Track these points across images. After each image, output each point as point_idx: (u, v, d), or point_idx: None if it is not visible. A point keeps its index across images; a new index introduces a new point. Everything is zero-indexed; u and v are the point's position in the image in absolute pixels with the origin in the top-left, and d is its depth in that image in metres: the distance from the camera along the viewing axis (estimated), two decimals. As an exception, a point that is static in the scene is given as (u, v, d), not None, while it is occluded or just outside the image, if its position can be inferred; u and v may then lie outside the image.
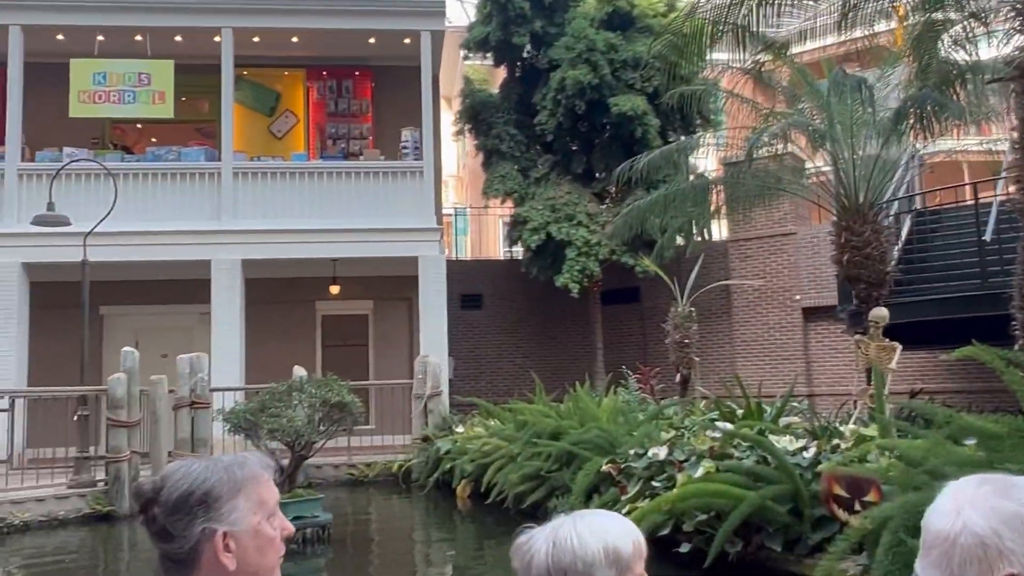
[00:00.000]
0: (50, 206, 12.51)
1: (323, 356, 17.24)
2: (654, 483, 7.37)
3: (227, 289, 14.68)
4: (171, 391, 12.82)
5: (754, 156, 10.25)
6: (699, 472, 6.81)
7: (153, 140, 16.77)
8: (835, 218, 10.81)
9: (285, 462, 9.30)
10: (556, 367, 18.33)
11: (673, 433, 8.32)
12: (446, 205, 21.23)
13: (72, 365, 14.60)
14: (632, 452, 8.06)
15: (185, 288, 16.45)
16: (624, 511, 6.96)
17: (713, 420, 8.42)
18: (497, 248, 21.38)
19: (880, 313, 8.99)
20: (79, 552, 9.26)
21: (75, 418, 11.27)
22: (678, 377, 12.93)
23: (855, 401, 9.34)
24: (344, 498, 12.46)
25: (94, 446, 11.67)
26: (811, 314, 16.50)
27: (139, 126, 16.91)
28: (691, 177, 14.10)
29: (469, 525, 9.66)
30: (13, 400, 11.98)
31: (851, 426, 7.63)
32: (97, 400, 11.60)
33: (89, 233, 12.74)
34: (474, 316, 18.90)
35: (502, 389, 18.05)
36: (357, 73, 17.37)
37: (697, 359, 13.12)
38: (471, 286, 19.10)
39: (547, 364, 18.47)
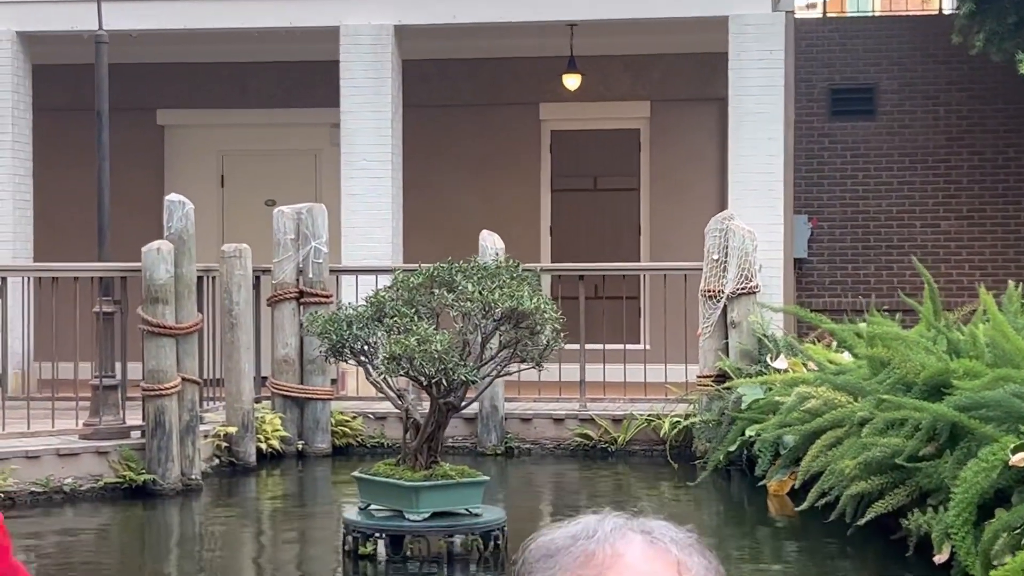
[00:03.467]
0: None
1: (552, 209, 17.47)
2: None
3: (368, 83, 14.82)
4: (261, 272, 13.26)
5: None
6: None
7: None
8: None
9: (420, 413, 9.26)
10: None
11: None
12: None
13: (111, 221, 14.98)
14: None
15: (304, 80, 16.86)
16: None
17: None
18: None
19: None
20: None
21: (95, 316, 11.30)
22: None
23: None
24: (555, 482, 12.75)
25: (121, 365, 11.95)
26: None
27: None
28: None
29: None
30: (4, 282, 12.26)
31: None
32: (125, 287, 11.95)
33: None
34: (856, 131, 18.38)
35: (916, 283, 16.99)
36: None
37: None
38: (851, 74, 18.58)
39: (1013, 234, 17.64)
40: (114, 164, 16.72)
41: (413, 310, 9.24)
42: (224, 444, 12.28)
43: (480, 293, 9.07)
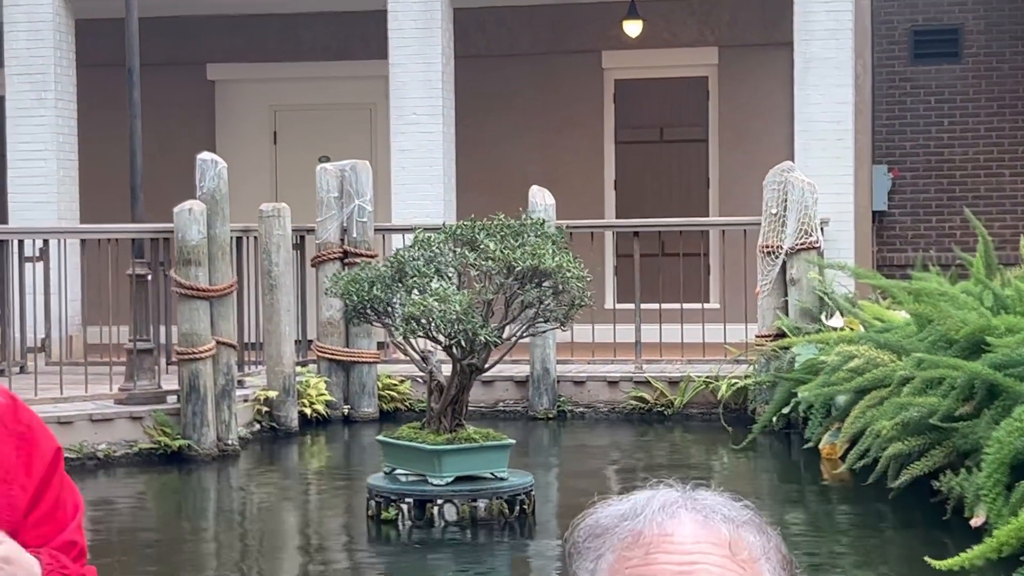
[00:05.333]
0: None
1: (616, 162, 17.38)
2: None
3: (417, 33, 14.94)
4: (306, 232, 13.57)
5: None
6: None
7: None
8: None
9: (443, 376, 9.39)
10: None
11: None
12: None
13: (161, 181, 15.30)
14: None
15: (358, 31, 17.03)
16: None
17: None
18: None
19: None
20: (118, 538, 9.79)
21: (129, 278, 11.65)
22: None
23: None
24: (602, 446, 12.79)
25: (156, 329, 12.32)
26: None
27: None
28: None
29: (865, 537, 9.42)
30: (46, 244, 12.60)
31: None
32: (159, 248, 12.05)
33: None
34: (940, 75, 18.23)
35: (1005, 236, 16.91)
36: None
37: None
38: (934, 14, 18.50)
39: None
40: (164, 121, 17.12)
41: (434, 269, 9.45)
42: (265, 409, 12.54)
43: (502, 252, 9.24)
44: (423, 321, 9.07)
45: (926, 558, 6.95)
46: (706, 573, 1.57)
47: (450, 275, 9.43)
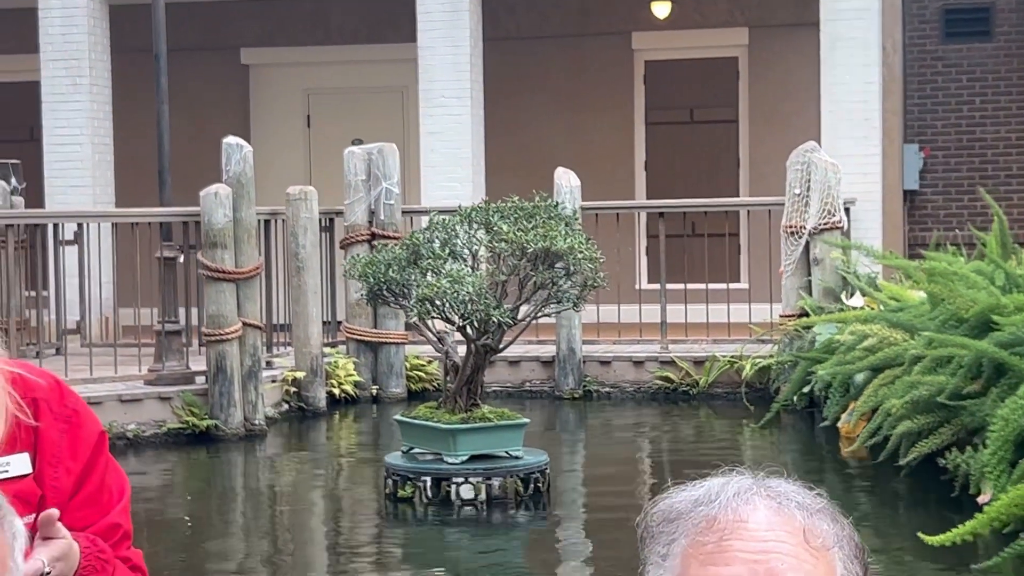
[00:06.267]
0: None
1: (647, 144, 17.40)
2: None
3: (445, 16, 15.12)
4: (335, 214, 13.84)
5: None
6: None
7: None
8: None
9: (458, 357, 9.59)
10: None
11: None
12: None
13: (197, 165, 15.50)
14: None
15: (389, 15, 17.23)
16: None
17: None
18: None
19: None
20: (145, 516, 9.92)
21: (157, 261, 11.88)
22: None
23: None
24: (621, 424, 12.96)
25: (187, 310, 12.62)
26: None
27: None
28: None
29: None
30: (80, 228, 12.82)
31: None
32: (189, 231, 12.35)
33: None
34: (972, 54, 18.11)
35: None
36: None
37: None
38: None
39: None
40: (199, 106, 17.36)
41: (448, 252, 9.61)
42: (293, 389, 12.77)
43: (515, 234, 9.39)
44: (437, 302, 9.27)
45: (919, 534, 7.08)
46: (779, 561, 1.59)
47: (465, 257, 9.62)
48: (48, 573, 2.33)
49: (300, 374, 12.76)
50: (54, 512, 2.36)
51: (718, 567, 1.59)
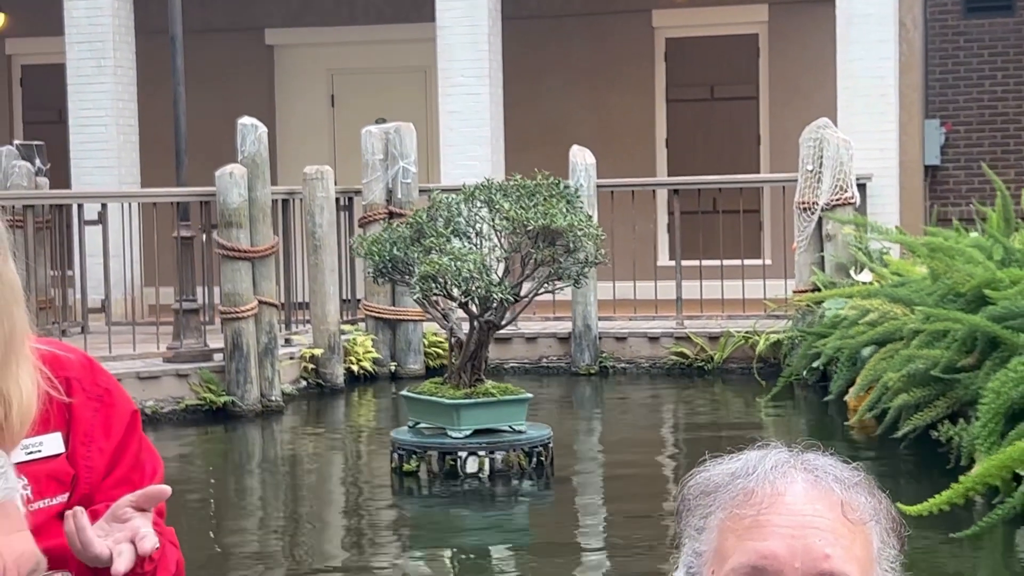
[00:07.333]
0: None
1: (667, 120, 17.66)
2: None
3: None
4: (353, 193, 13.99)
5: None
6: None
7: None
8: None
9: (463, 333, 9.73)
10: None
11: None
12: None
13: (223, 145, 15.66)
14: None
15: None
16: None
17: None
18: None
19: None
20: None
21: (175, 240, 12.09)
22: None
23: None
24: (638, 399, 13.12)
25: (205, 288, 12.78)
26: None
27: None
28: None
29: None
30: (104, 208, 13.02)
31: None
32: (207, 211, 12.62)
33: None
34: (994, 28, 18.17)
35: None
36: None
37: None
38: None
39: None
40: (225, 86, 17.57)
41: (451, 230, 9.76)
42: (311, 366, 13.00)
43: (516, 212, 9.53)
44: (439, 280, 9.43)
45: (898, 504, 7.18)
46: (817, 537, 1.59)
47: (469, 235, 9.77)
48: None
49: (318, 351, 12.97)
50: (166, 489, 2.41)
51: (755, 542, 1.61)
